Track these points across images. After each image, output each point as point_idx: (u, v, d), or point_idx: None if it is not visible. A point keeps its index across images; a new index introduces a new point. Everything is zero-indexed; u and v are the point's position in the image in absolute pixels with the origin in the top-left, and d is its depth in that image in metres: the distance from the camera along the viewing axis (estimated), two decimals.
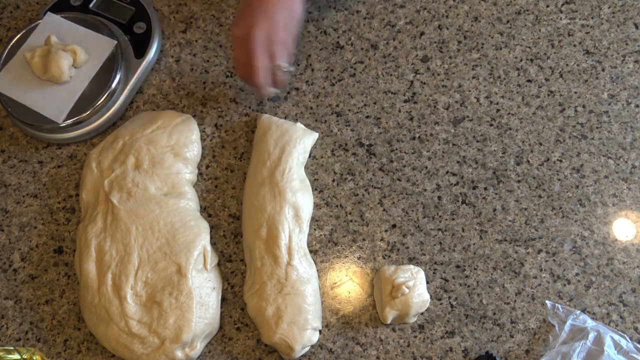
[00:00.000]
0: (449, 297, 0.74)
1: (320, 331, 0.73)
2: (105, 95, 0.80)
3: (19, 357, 0.66)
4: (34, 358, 0.68)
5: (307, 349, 0.71)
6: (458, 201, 0.79)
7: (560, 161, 0.80)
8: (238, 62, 0.75)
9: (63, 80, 0.79)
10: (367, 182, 0.80)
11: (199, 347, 0.71)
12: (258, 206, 0.74)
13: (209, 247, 0.73)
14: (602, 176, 0.79)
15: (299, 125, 0.78)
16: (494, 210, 0.78)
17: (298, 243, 0.73)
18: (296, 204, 0.74)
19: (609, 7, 0.88)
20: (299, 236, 0.73)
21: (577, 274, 0.75)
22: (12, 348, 0.67)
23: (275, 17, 0.74)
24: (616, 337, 0.70)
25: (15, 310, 0.75)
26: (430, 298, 0.73)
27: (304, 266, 0.72)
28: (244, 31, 0.72)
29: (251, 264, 0.73)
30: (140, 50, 0.84)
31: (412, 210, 0.78)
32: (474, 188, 0.79)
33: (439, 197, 0.79)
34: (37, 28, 0.83)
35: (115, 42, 0.82)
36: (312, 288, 0.72)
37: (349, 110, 0.83)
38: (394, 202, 0.78)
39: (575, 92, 0.84)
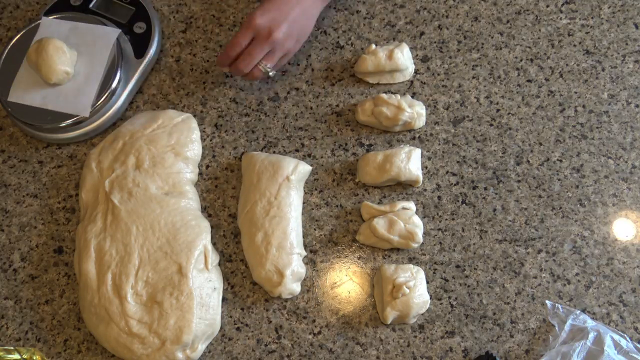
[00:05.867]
0: (449, 297, 0.74)
1: (305, 257, 0.75)
2: (105, 95, 0.80)
3: (19, 357, 0.66)
4: (34, 358, 0.68)
5: (297, 287, 0.73)
6: (458, 201, 0.79)
7: (560, 161, 0.80)
8: (237, 44, 0.76)
9: (61, 78, 0.79)
10: None
11: (200, 348, 0.71)
12: None
13: (210, 247, 0.73)
14: (602, 176, 0.79)
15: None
16: (494, 210, 0.78)
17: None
18: None
19: (609, 7, 0.88)
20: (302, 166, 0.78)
21: (577, 274, 0.75)
22: (12, 348, 0.67)
23: (295, 26, 0.77)
24: (616, 337, 0.70)
25: (15, 310, 0.75)
26: (430, 298, 0.73)
27: (295, 189, 0.76)
28: (267, 25, 0.75)
29: (247, 180, 0.77)
30: (140, 50, 0.84)
31: None
32: (474, 188, 0.79)
33: (439, 197, 0.79)
34: (37, 35, 0.82)
35: (119, 30, 0.82)
36: (296, 213, 0.75)
37: (349, 110, 0.83)
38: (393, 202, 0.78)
39: (575, 92, 0.84)
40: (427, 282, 0.74)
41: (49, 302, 0.75)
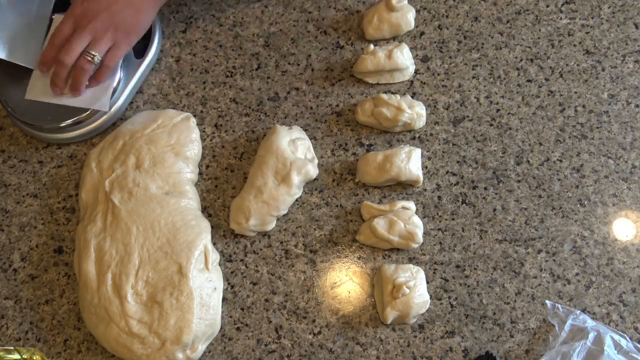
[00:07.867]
0: (449, 297, 0.74)
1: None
2: None
3: (19, 357, 0.66)
4: (34, 358, 0.68)
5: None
6: (458, 201, 0.79)
7: (560, 161, 0.80)
8: (59, 32, 0.75)
9: None
10: None
11: (200, 348, 0.71)
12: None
13: (210, 247, 0.73)
14: (602, 176, 0.79)
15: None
16: (494, 210, 0.78)
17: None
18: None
19: (609, 7, 0.88)
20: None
21: (577, 274, 0.75)
22: (12, 348, 0.67)
23: (120, 16, 0.75)
24: (616, 337, 0.70)
25: (15, 310, 0.75)
26: (430, 298, 0.73)
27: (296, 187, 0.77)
28: (84, 12, 0.74)
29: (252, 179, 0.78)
30: (140, 50, 0.83)
31: None
32: (474, 188, 0.79)
33: (439, 197, 0.79)
34: None
35: None
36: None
37: (349, 110, 0.83)
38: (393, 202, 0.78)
39: (575, 92, 0.84)
40: (427, 282, 0.74)
41: (49, 302, 0.75)
